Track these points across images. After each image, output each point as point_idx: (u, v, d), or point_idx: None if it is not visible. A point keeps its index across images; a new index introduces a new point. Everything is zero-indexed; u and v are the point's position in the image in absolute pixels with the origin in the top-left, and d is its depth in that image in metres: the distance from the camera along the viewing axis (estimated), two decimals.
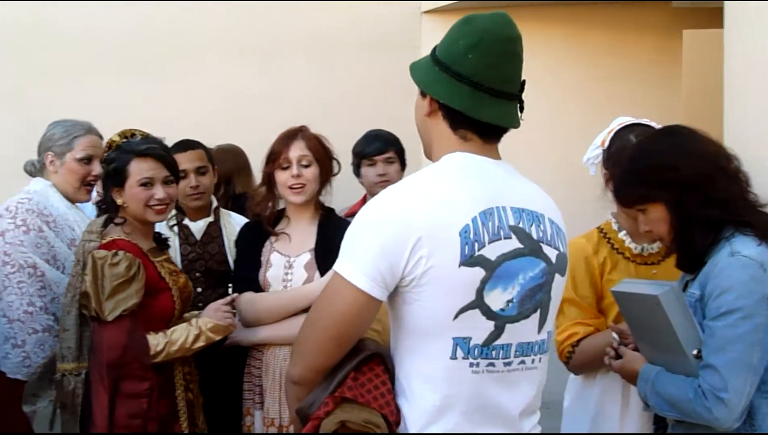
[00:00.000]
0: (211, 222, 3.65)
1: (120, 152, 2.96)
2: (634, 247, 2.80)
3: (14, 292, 3.14)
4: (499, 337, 1.83)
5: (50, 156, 3.38)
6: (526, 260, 1.85)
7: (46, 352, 3.12)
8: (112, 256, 2.80)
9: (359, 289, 1.79)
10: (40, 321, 3.15)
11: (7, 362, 3.15)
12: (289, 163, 3.09)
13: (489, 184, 1.88)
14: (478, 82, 1.85)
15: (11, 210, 3.22)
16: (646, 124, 2.86)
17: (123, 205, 2.94)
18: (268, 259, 3.13)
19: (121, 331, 2.76)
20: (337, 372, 1.88)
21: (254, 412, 3.10)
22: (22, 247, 3.16)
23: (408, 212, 1.78)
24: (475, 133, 1.91)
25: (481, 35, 1.86)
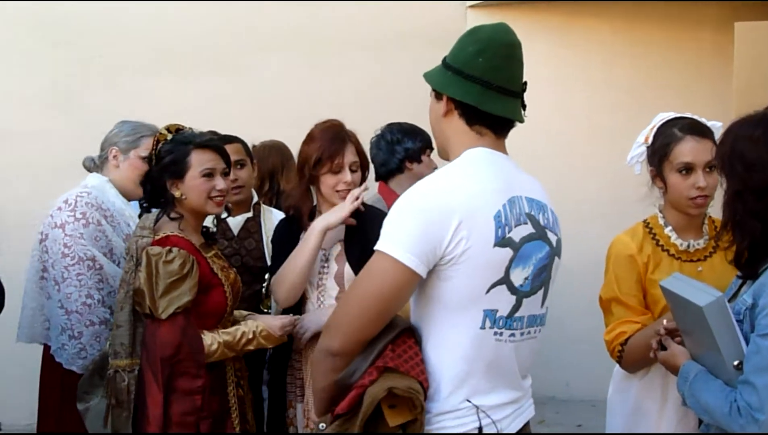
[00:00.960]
0: (250, 217, 3.68)
1: (177, 144, 2.92)
2: (680, 243, 2.78)
3: (73, 284, 3.19)
4: (518, 310, 2.08)
5: (114, 150, 3.45)
6: (537, 243, 2.10)
7: (102, 344, 3.15)
8: (167, 253, 2.78)
9: (406, 266, 1.97)
10: (97, 313, 3.20)
11: (64, 353, 3.21)
12: (341, 168, 3.07)
13: (508, 176, 2.12)
14: (487, 81, 2.08)
15: (70, 203, 3.28)
16: (690, 117, 2.84)
17: (181, 198, 2.90)
18: None
19: (174, 329, 2.75)
20: (375, 344, 2.03)
21: (296, 405, 3.12)
22: (81, 239, 3.22)
23: (450, 198, 1.99)
24: (489, 129, 2.14)
25: (487, 42, 2.10)
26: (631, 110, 5.44)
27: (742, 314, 2.20)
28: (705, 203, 2.75)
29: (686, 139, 2.72)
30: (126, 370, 2.82)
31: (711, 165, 2.69)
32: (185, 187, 2.90)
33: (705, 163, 2.69)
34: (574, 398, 5.63)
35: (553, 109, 5.63)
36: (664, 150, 2.76)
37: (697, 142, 2.72)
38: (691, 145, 2.72)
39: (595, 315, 2.93)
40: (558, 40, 5.71)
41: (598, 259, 2.91)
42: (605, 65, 5.76)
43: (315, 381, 2.14)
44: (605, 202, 5.56)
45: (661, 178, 2.79)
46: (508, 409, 2.10)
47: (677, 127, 2.77)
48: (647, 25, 5.76)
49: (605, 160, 5.46)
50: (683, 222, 2.80)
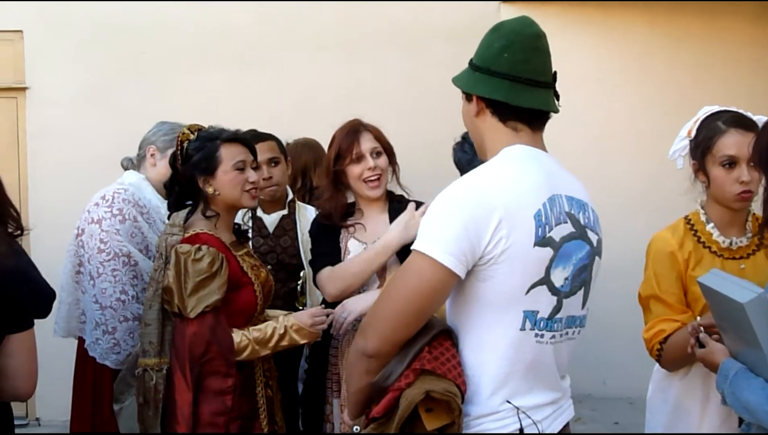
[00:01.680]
0: (285, 215, 3.68)
1: (204, 140, 2.90)
2: (722, 240, 2.72)
3: (108, 280, 3.22)
4: (559, 311, 2.03)
5: (152, 149, 3.48)
6: (577, 243, 2.05)
7: (135, 340, 3.17)
8: (196, 251, 2.75)
9: (444, 266, 1.92)
10: (131, 309, 3.22)
11: (97, 347, 3.25)
12: (362, 156, 3.07)
13: (547, 174, 2.06)
14: (515, 76, 2.04)
15: (107, 199, 3.31)
16: (734, 110, 2.77)
17: (214, 194, 2.87)
18: (346, 247, 3.12)
19: (203, 328, 2.72)
20: (411, 346, 1.98)
21: (332, 401, 3.10)
22: (117, 235, 3.25)
23: (489, 196, 1.95)
24: (523, 123, 2.09)
25: (511, 36, 2.06)
26: (669, 105, 5.38)
27: None
28: (749, 198, 2.68)
29: (730, 132, 2.67)
30: (154, 368, 2.79)
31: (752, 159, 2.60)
32: (218, 182, 2.88)
33: (749, 157, 2.59)
34: (611, 396, 5.58)
35: (591, 104, 5.58)
36: (707, 143, 2.70)
37: (742, 135, 2.65)
38: (735, 139, 2.66)
39: (632, 312, 2.90)
40: (594, 35, 5.64)
41: (637, 256, 2.88)
42: (643, 60, 5.68)
43: (350, 382, 2.11)
44: (645, 198, 5.50)
45: (704, 172, 2.73)
46: (548, 410, 2.07)
47: (721, 120, 2.71)
48: (684, 19, 5.69)
49: (645, 155, 5.46)
50: (726, 218, 2.74)
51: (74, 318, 3.41)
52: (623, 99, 5.67)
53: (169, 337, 2.80)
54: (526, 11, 5.47)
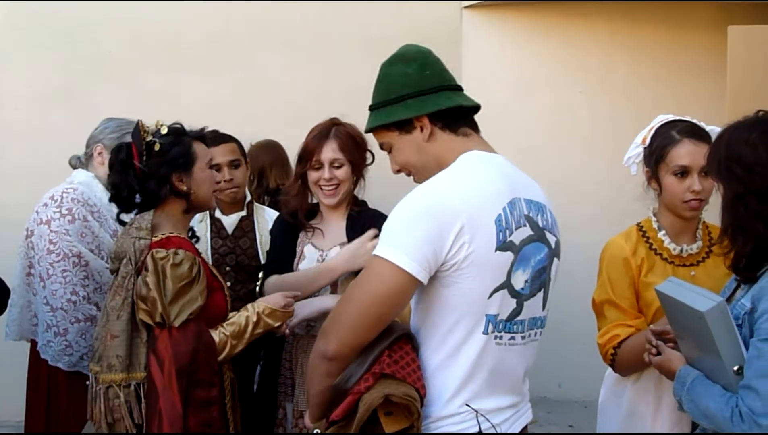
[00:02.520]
0: (244, 216, 3.68)
1: (177, 135, 2.74)
2: (673, 247, 2.77)
3: (58, 281, 3.16)
4: (519, 314, 2.07)
5: (99, 147, 3.40)
6: (536, 245, 2.09)
7: (88, 341, 3.12)
8: (173, 255, 2.58)
9: (406, 272, 1.94)
10: (83, 310, 3.17)
11: (49, 350, 3.19)
12: (321, 165, 3.07)
13: (506, 178, 2.10)
14: (446, 85, 2.17)
15: (56, 199, 3.25)
16: (689, 120, 2.82)
17: (190, 193, 2.72)
18: (302, 251, 3.13)
19: (188, 336, 2.55)
20: (371, 350, 2.01)
21: (285, 405, 3.12)
22: (67, 235, 3.18)
23: (451, 203, 1.97)
24: (469, 127, 2.18)
25: (419, 56, 2.20)
26: (628, 111, 5.47)
27: (740, 319, 2.18)
28: (699, 207, 2.74)
29: (683, 142, 2.72)
30: (122, 385, 2.55)
31: (707, 169, 2.65)
32: (193, 180, 2.73)
33: (701, 167, 2.68)
34: (566, 399, 5.63)
35: (550, 109, 5.63)
36: (660, 152, 2.75)
37: (695, 145, 2.71)
38: (688, 149, 2.71)
39: (587, 316, 2.92)
40: (555, 40, 5.69)
41: (593, 262, 2.90)
42: (602, 65, 5.75)
43: (310, 385, 2.11)
44: (602, 203, 5.55)
45: (657, 179, 2.78)
46: (508, 413, 2.11)
47: (675, 130, 2.76)
48: (645, 27, 5.76)
49: (603, 160, 5.52)
50: (677, 226, 2.79)
51: (26, 320, 3.35)
52: (584, 105, 5.72)
53: (136, 349, 2.57)
54: (487, 16, 5.61)
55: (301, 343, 3.06)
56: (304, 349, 3.04)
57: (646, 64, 5.75)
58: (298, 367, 3.06)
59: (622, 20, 5.74)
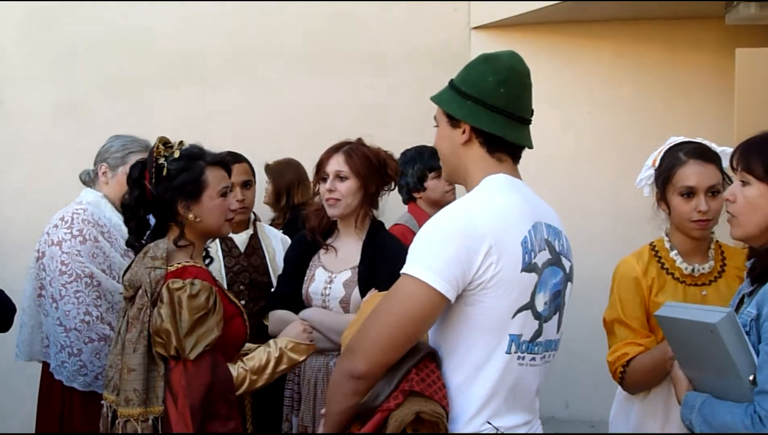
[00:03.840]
0: (252, 234, 3.71)
1: (188, 160, 2.62)
2: (684, 267, 2.80)
3: (71, 302, 3.17)
4: (540, 335, 2.11)
5: (104, 167, 3.42)
6: (553, 269, 2.13)
7: (102, 361, 3.13)
8: (190, 286, 2.48)
9: (437, 291, 1.97)
10: (96, 330, 3.17)
11: (63, 371, 3.19)
12: (327, 176, 3.14)
13: (529, 202, 2.15)
14: (511, 112, 2.13)
15: (67, 220, 3.26)
16: (698, 142, 2.85)
17: (194, 221, 2.61)
18: (313, 274, 3.17)
19: (204, 370, 2.46)
20: (399, 368, 2.02)
21: (291, 418, 3.14)
22: (79, 256, 3.20)
23: (480, 224, 2.00)
24: (508, 155, 2.18)
25: (507, 73, 2.15)
26: (634, 131, 5.46)
27: (748, 326, 2.19)
28: (706, 226, 2.77)
29: (689, 163, 2.76)
30: (139, 419, 2.47)
31: (714, 189, 2.74)
32: (201, 208, 2.61)
33: (707, 188, 2.73)
34: (573, 418, 5.61)
35: (557, 130, 5.63)
36: (667, 173, 2.79)
37: (701, 166, 2.75)
38: (694, 169, 2.75)
39: (595, 335, 2.93)
40: (561, 61, 5.69)
41: (602, 282, 2.91)
42: (609, 86, 5.73)
43: (332, 404, 2.08)
44: (608, 223, 5.54)
45: (665, 200, 2.82)
46: (523, 429, 2.13)
47: (682, 151, 2.80)
48: (650, 47, 5.74)
49: (609, 180, 5.51)
50: (688, 245, 2.82)
51: (37, 341, 3.36)
52: (590, 125, 5.71)
53: (153, 383, 2.48)
54: (495, 38, 5.62)
55: (309, 360, 3.04)
56: (312, 366, 3.07)
57: (652, 84, 5.72)
58: (305, 382, 3.08)
59: (628, 40, 5.72)
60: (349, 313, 3.03)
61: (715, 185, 2.74)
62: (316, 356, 3.04)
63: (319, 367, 3.06)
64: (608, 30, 5.70)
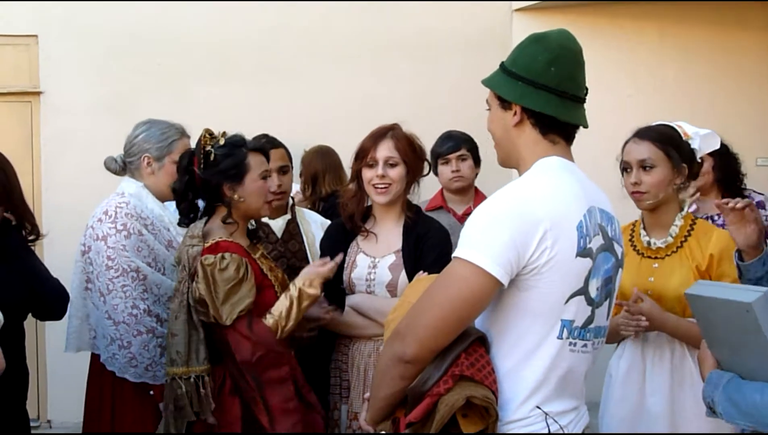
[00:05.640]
0: (290, 219, 3.70)
1: (232, 147, 2.93)
2: (644, 240, 3.02)
3: (119, 296, 3.19)
4: (592, 322, 2.09)
5: (147, 158, 3.40)
6: (605, 255, 2.11)
7: (150, 352, 3.18)
8: (220, 260, 2.80)
9: (491, 275, 1.94)
10: (144, 323, 3.19)
11: (115, 362, 3.22)
12: (375, 162, 3.10)
13: (583, 186, 2.12)
14: (563, 91, 2.09)
15: (110, 214, 3.26)
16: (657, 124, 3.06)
17: (239, 201, 2.91)
18: (353, 260, 3.15)
19: (242, 330, 2.79)
20: (448, 352, 1.99)
21: (341, 406, 3.13)
22: (124, 251, 3.21)
23: (534, 207, 1.97)
24: (561, 137, 2.15)
25: (558, 51, 2.10)
26: (678, 113, 5.11)
27: None
28: (642, 198, 2.96)
29: (629, 142, 3.03)
30: (182, 377, 2.82)
31: (645, 164, 2.94)
32: (245, 190, 2.93)
33: (638, 162, 2.96)
34: None
35: (602, 113, 5.55)
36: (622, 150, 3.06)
37: (635, 143, 3.00)
38: (630, 146, 3.02)
39: None
40: (604, 42, 5.63)
41: None
42: (652, 68, 5.69)
43: (380, 388, 2.09)
44: None
45: None
46: (572, 415, 2.11)
47: (635, 131, 3.05)
48: (695, 28, 5.70)
49: None
50: (650, 220, 3.05)
51: (84, 332, 3.38)
52: (633, 108, 5.63)
53: (195, 346, 2.84)
54: (537, 20, 5.56)
55: (357, 346, 3.09)
56: (361, 352, 3.08)
57: (697, 66, 5.70)
58: (354, 369, 3.08)
59: (672, 22, 5.68)
60: (396, 297, 3.01)
61: (645, 160, 2.94)
62: (365, 342, 3.07)
63: (369, 353, 3.06)
64: (652, 11, 5.62)
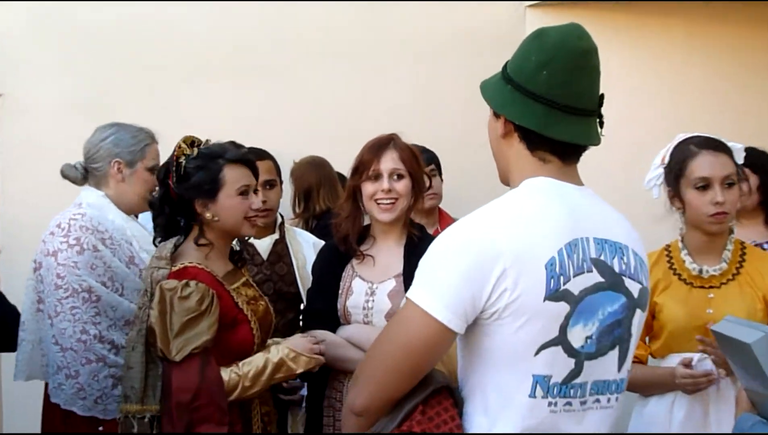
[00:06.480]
0: (277, 239, 3.45)
1: (206, 158, 2.67)
2: (693, 267, 2.79)
3: (67, 319, 2.94)
4: (578, 376, 1.81)
5: (118, 163, 3.16)
6: (606, 295, 1.82)
7: (100, 383, 2.95)
8: (183, 287, 2.53)
9: (438, 321, 1.74)
10: (94, 350, 2.95)
11: (61, 393, 2.98)
12: (380, 175, 2.86)
13: (573, 213, 1.83)
14: (552, 100, 1.82)
15: (63, 227, 3.01)
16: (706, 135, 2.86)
17: (212, 220, 2.65)
18: (349, 286, 2.90)
19: (191, 372, 2.49)
20: (404, 404, 1.84)
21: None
22: (76, 269, 2.96)
23: (494, 240, 1.73)
24: (554, 155, 1.87)
25: (553, 52, 1.83)
26: (705, 116, 5.13)
27: None
28: (724, 219, 2.75)
29: (702, 154, 2.77)
30: (137, 416, 2.59)
31: (729, 180, 2.75)
32: (218, 207, 2.65)
33: (722, 178, 2.74)
34: None
35: (622, 115, 5.28)
36: (680, 166, 2.79)
37: (714, 156, 2.76)
38: (708, 160, 2.76)
39: None
40: (627, 41, 5.35)
41: None
42: (679, 67, 5.39)
43: None
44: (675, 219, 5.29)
45: (679, 197, 2.81)
46: None
47: (693, 144, 2.81)
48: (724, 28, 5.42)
49: None
50: (702, 244, 2.81)
51: (37, 359, 3.13)
52: (657, 109, 5.38)
53: (152, 381, 2.60)
54: (554, 15, 5.26)
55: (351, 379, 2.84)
56: None
57: (725, 66, 5.39)
58: None
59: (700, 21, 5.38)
60: None
61: (729, 175, 2.74)
62: None
63: None
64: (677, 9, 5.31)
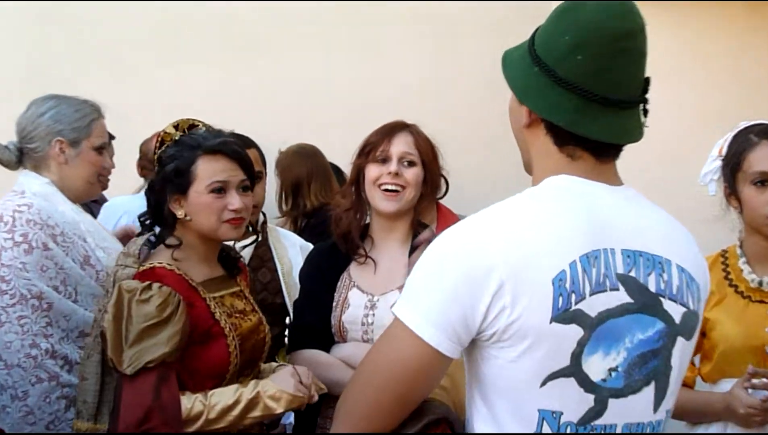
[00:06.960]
0: (259, 242, 3.11)
1: (182, 148, 2.40)
2: (752, 279, 2.54)
3: (14, 330, 2.58)
4: (600, 416, 1.59)
5: (60, 143, 2.79)
6: (635, 318, 1.59)
7: (52, 405, 2.60)
8: (143, 290, 2.25)
9: (425, 342, 1.56)
10: (45, 367, 2.60)
11: (6, 417, 2.63)
12: (388, 158, 2.61)
13: (596, 218, 1.60)
14: (587, 90, 1.59)
15: (7, 221, 2.64)
16: None
17: (185, 219, 2.38)
18: (345, 298, 2.63)
19: (144, 389, 2.20)
20: None
21: None
22: (24, 271, 2.60)
23: (489, 248, 1.53)
24: (587, 151, 1.65)
25: (589, 33, 1.59)
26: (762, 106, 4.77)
27: None
28: None
29: (762, 145, 2.51)
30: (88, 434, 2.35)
31: None
32: (190, 204, 2.38)
33: None
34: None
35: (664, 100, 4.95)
36: (737, 159, 2.54)
37: None
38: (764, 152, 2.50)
39: None
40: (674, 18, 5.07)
41: None
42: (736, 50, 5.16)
43: None
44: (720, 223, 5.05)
45: (736, 195, 2.56)
46: None
47: (753, 133, 2.55)
48: None
49: None
50: (763, 252, 2.56)
51: None
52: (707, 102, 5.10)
53: (108, 396, 2.36)
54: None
55: None
56: None
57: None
58: None
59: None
60: None
61: None
62: None
63: None
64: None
